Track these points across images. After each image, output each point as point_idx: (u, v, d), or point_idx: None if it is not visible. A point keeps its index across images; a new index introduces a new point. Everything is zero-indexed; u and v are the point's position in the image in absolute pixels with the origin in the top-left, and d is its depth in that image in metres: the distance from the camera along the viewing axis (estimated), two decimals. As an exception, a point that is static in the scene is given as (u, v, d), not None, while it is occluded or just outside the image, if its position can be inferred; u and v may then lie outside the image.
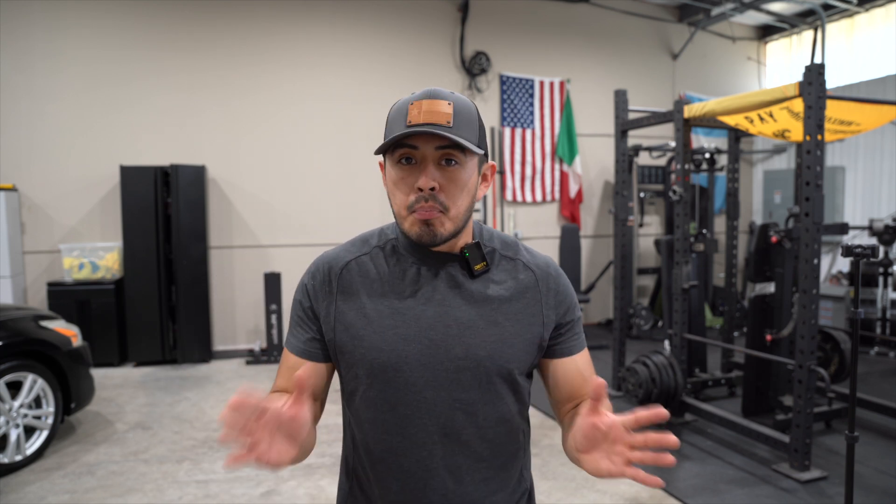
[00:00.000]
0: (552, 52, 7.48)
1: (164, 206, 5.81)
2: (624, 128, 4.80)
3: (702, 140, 7.92)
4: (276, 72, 6.40)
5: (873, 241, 5.99)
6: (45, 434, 3.58)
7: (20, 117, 5.71)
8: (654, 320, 6.99)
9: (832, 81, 7.51)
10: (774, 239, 4.11)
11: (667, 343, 4.49)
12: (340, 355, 1.06)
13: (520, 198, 7.41)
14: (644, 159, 7.63)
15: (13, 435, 3.39)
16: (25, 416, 3.48)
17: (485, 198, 7.09)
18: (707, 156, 6.23)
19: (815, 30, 7.93)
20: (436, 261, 1.05)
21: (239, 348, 6.39)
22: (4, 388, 3.39)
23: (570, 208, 7.57)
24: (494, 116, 7.26)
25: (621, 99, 4.80)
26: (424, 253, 1.05)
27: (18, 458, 3.41)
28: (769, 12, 7.95)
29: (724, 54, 8.57)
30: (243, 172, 6.36)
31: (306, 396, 0.87)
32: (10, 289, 5.39)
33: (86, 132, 5.89)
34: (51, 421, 3.60)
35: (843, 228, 4.08)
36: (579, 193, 7.60)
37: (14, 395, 3.46)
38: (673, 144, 6.09)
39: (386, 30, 6.79)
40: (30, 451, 3.48)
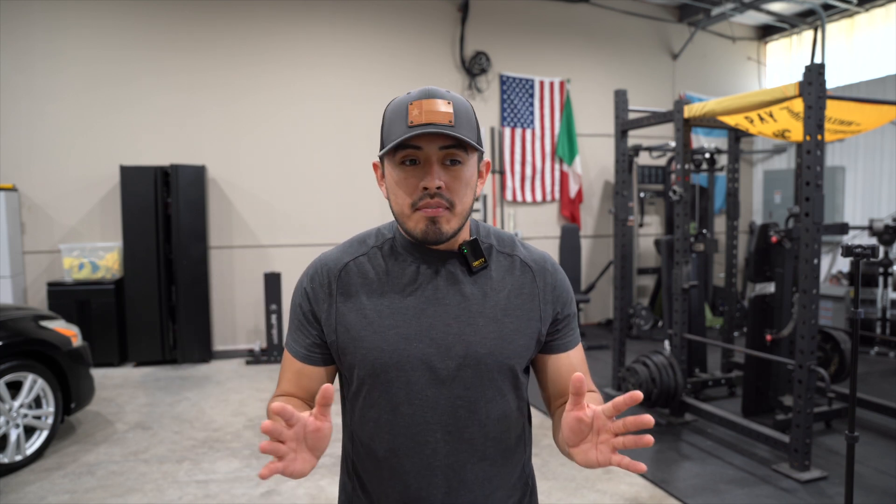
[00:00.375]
0: (552, 52, 7.48)
1: (164, 206, 5.81)
2: (624, 128, 4.80)
3: (702, 140, 7.92)
4: (276, 72, 6.40)
5: (873, 241, 5.99)
6: (45, 434, 3.58)
7: (20, 117, 5.71)
8: (654, 320, 6.99)
9: (832, 81, 7.51)
10: (774, 239, 4.11)
11: (667, 343, 4.48)
12: (342, 356, 1.06)
13: (520, 198, 7.41)
14: (644, 159, 7.63)
15: (13, 435, 3.39)
16: (25, 416, 3.48)
17: (485, 198, 7.09)
18: (707, 156, 6.23)
19: (815, 30, 7.93)
20: (434, 259, 1.05)
21: (239, 348, 6.38)
22: (4, 388, 3.39)
23: (570, 208, 7.57)
24: (494, 116, 7.26)
25: (621, 99, 4.80)
26: (423, 251, 1.05)
27: (18, 458, 3.41)
28: (769, 12, 7.95)
29: (724, 54, 8.57)
30: (243, 172, 6.36)
31: (329, 410, 0.87)
32: (10, 289, 5.39)
33: (86, 132, 5.89)
34: (51, 421, 3.60)
35: (843, 228, 4.09)
36: (579, 193, 7.60)
37: (14, 395, 3.46)
38: (673, 144, 6.10)
39: (386, 30, 6.78)
40: (30, 451, 3.48)
